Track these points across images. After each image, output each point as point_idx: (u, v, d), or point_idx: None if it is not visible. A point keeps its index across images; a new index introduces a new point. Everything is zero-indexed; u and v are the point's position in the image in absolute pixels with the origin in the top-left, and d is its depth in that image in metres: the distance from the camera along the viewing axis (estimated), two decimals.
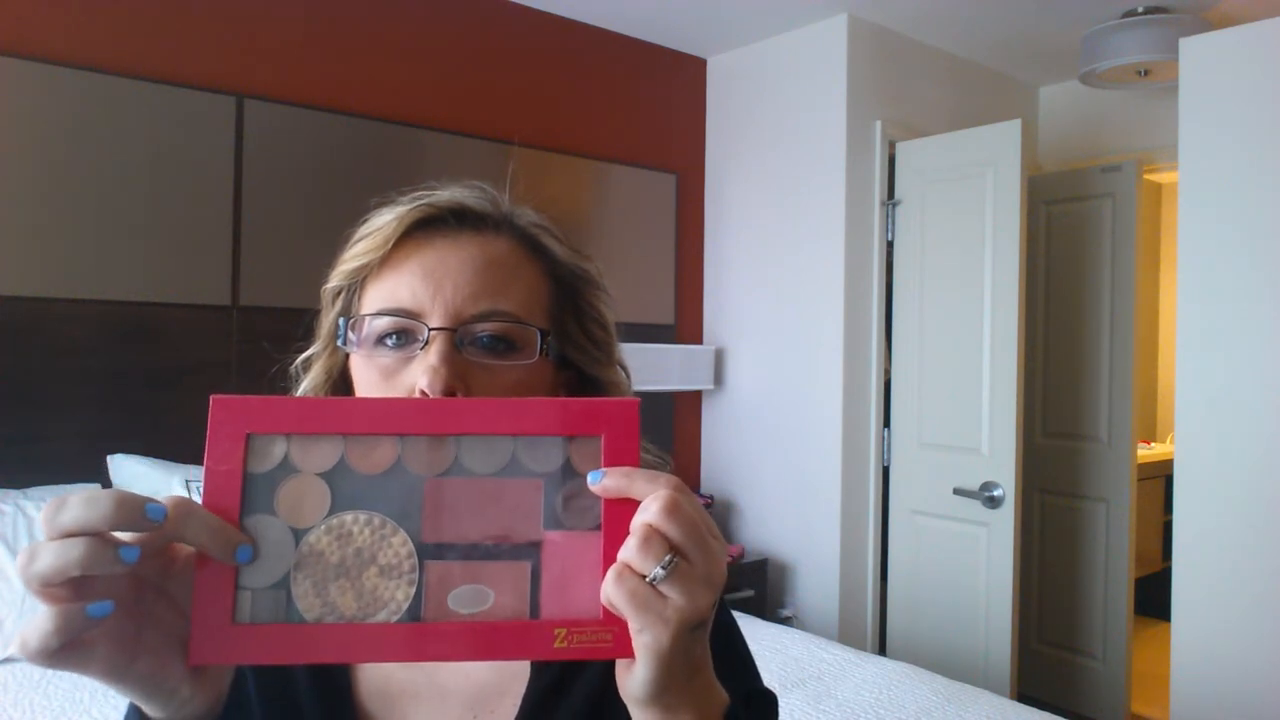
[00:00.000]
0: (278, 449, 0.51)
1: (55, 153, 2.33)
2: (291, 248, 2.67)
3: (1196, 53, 2.56)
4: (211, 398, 0.51)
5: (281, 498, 0.51)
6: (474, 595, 0.51)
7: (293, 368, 0.75)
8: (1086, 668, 3.43)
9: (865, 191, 3.24)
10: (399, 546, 0.51)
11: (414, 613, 0.51)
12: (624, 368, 0.77)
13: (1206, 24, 2.93)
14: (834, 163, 3.21)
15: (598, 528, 0.52)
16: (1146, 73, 3.14)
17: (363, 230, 0.69)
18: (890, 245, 3.28)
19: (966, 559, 3.02)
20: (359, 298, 0.70)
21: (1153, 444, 4.91)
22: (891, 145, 3.28)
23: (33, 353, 2.30)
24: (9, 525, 1.99)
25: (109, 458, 2.36)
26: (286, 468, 0.51)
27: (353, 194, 2.74)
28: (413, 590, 0.51)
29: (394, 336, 0.66)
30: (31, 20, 2.32)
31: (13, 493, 2.15)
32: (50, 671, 1.80)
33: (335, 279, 0.70)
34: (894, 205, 3.26)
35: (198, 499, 0.50)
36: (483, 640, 0.50)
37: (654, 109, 3.55)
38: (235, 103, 2.59)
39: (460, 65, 3.05)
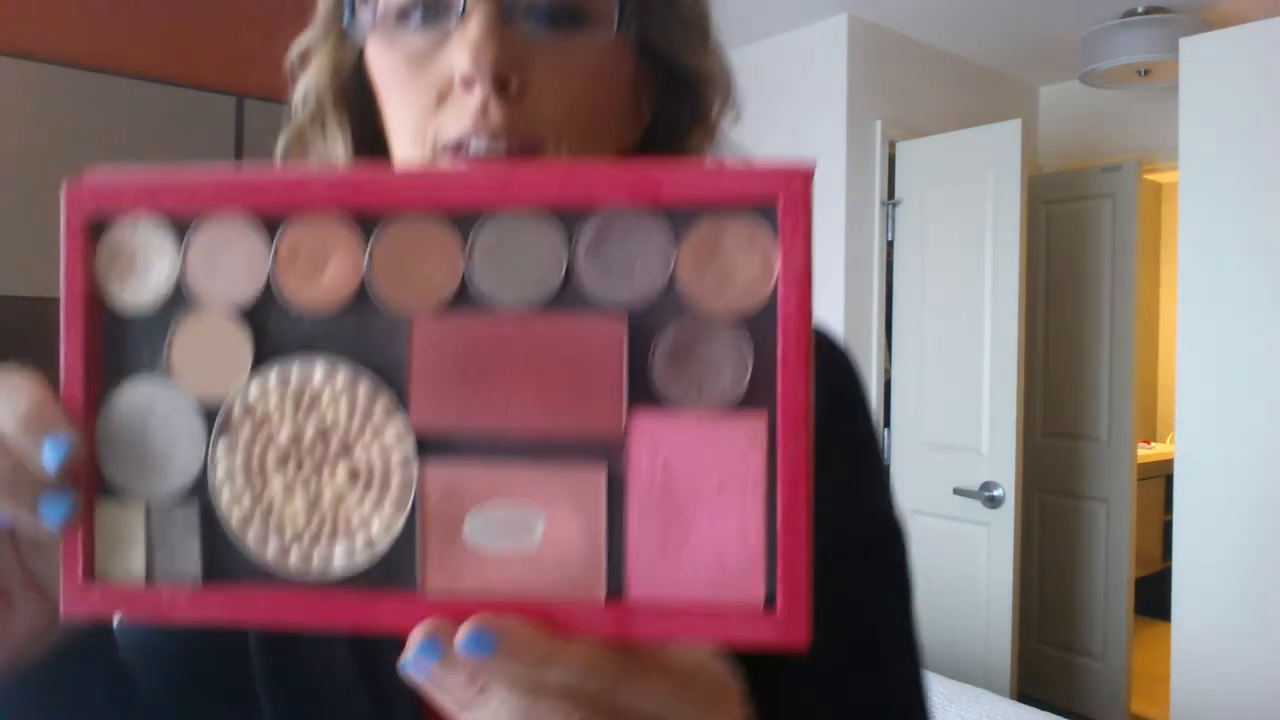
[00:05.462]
0: (159, 269, 0.35)
1: (56, 153, 2.33)
2: None
3: (1196, 53, 2.56)
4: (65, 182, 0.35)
5: (176, 350, 0.34)
6: (507, 524, 0.30)
7: (288, 64, 0.59)
8: (1086, 668, 3.43)
9: (865, 191, 3.24)
10: (389, 438, 0.31)
11: (399, 558, 0.31)
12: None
13: (1206, 24, 2.93)
14: (834, 162, 3.20)
15: (738, 405, 0.30)
16: (1146, 73, 3.13)
17: None
18: (890, 245, 3.28)
19: (966, 559, 3.02)
20: None
21: (1153, 444, 4.90)
22: (891, 145, 3.27)
23: (33, 353, 2.29)
24: None
25: None
26: (178, 302, 0.34)
27: None
28: (401, 518, 0.30)
29: (419, 9, 0.49)
30: (31, 20, 2.32)
31: None
32: None
33: None
34: (894, 205, 3.25)
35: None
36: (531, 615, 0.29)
37: None
38: (235, 103, 2.59)
39: None
